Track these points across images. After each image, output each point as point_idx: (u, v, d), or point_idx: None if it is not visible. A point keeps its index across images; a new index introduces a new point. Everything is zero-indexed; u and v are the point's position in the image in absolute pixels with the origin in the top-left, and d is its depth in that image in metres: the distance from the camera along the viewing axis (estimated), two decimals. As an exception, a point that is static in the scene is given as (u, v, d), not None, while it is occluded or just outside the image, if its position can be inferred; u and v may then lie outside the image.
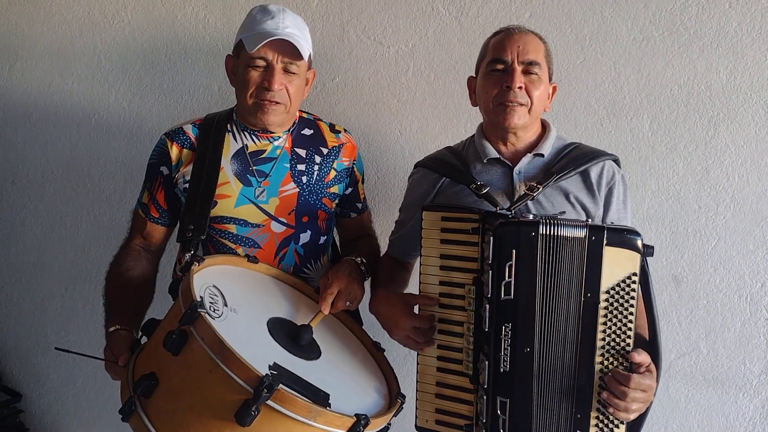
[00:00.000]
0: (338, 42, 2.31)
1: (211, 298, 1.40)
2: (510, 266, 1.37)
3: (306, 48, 1.68)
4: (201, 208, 1.67)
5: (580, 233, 1.35)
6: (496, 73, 1.60)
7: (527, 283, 1.37)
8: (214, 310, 1.36)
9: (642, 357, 1.36)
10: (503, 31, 1.65)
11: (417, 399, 1.57)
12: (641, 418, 1.41)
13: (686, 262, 2.11)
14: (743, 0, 1.99)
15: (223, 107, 1.87)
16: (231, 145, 1.75)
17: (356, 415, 1.25)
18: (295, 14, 1.73)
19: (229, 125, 1.78)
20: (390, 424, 1.45)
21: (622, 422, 1.39)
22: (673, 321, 2.13)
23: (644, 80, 2.08)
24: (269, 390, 1.15)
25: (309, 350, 1.47)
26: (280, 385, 1.17)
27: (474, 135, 1.74)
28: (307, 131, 1.83)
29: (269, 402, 1.17)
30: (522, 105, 1.57)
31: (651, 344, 1.43)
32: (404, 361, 1.98)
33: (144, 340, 1.44)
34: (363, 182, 1.95)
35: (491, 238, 1.38)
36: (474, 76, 1.72)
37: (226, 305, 1.41)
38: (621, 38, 2.09)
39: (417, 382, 1.57)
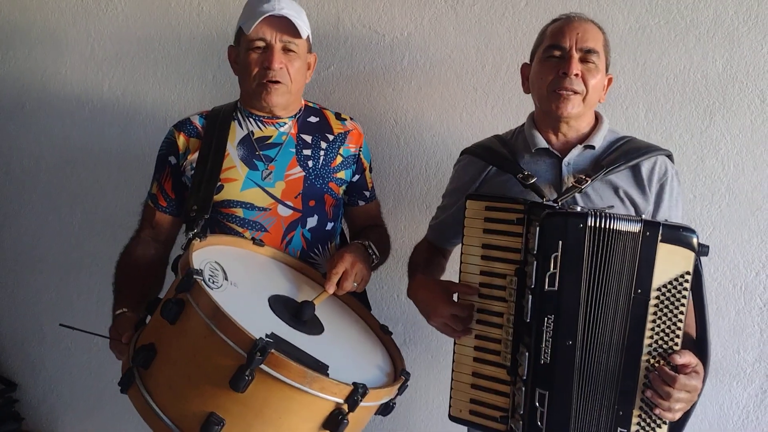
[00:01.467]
0: (333, 30, 2.30)
1: (212, 272, 1.39)
2: (555, 257, 1.35)
3: (303, 27, 1.71)
4: (205, 190, 1.69)
5: (635, 228, 1.33)
6: (553, 59, 1.55)
7: (573, 275, 1.35)
8: (213, 281, 1.35)
9: (686, 359, 1.33)
10: (563, 18, 1.61)
11: (452, 388, 1.56)
12: (684, 417, 1.40)
13: (681, 252, 2.11)
14: (739, -12, 1.99)
15: (218, 95, 1.87)
16: (237, 132, 1.77)
17: (354, 383, 1.22)
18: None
19: (234, 113, 1.80)
20: (395, 403, 1.43)
21: (664, 422, 1.38)
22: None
23: (640, 69, 2.08)
24: (263, 353, 1.14)
25: (311, 326, 1.44)
26: (274, 349, 1.16)
27: (524, 124, 1.71)
28: (312, 119, 1.85)
29: (263, 367, 1.15)
30: (577, 93, 1.53)
31: (700, 344, 1.40)
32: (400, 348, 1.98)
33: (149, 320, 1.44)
34: (371, 171, 1.95)
35: (537, 228, 1.36)
36: (528, 63, 1.68)
37: (226, 279, 1.41)
38: (617, 27, 2.08)
39: (453, 371, 1.56)
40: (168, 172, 1.78)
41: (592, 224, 1.34)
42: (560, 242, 1.34)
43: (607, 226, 1.33)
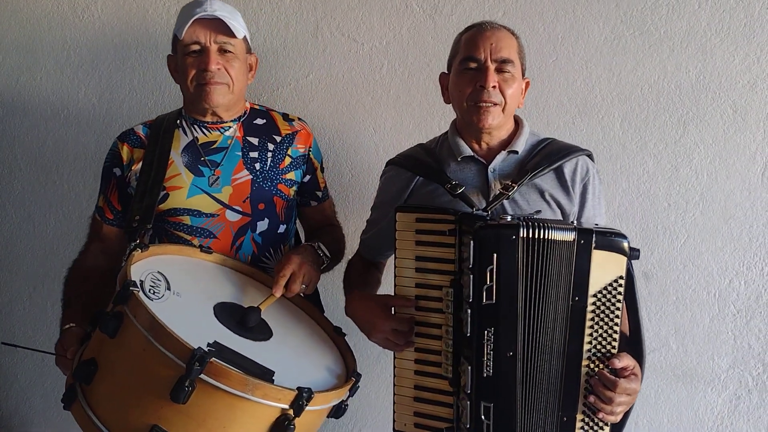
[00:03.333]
0: (312, 39, 2.30)
1: (153, 282, 1.38)
2: (491, 270, 1.34)
3: (239, 28, 1.70)
4: (148, 199, 1.66)
5: (569, 236, 1.33)
6: (469, 71, 1.56)
7: (509, 287, 1.35)
8: (154, 292, 1.34)
9: (624, 362, 1.35)
10: (475, 27, 1.61)
11: (395, 403, 1.54)
12: (624, 418, 1.41)
13: (656, 259, 2.13)
14: (712, 0, 2.03)
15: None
16: (181, 140, 1.76)
17: (298, 388, 1.22)
18: (225, 2, 1.74)
19: (178, 121, 1.79)
20: (347, 405, 1.43)
21: (606, 423, 1.39)
22: (643, 317, 2.15)
23: (615, 79, 2.10)
24: (201, 363, 1.13)
25: (258, 332, 1.43)
26: (213, 358, 1.15)
27: (447, 132, 1.71)
28: (259, 121, 1.84)
29: (203, 376, 1.15)
30: (496, 105, 1.54)
31: (635, 346, 1.42)
32: (377, 359, 1.98)
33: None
34: (323, 170, 1.93)
35: (471, 242, 1.35)
36: (446, 72, 1.68)
37: (169, 289, 1.40)
38: (593, 37, 2.11)
39: (394, 385, 1.54)
40: (114, 184, 1.76)
41: (525, 235, 1.34)
42: (494, 255, 1.34)
43: (540, 236, 1.33)
